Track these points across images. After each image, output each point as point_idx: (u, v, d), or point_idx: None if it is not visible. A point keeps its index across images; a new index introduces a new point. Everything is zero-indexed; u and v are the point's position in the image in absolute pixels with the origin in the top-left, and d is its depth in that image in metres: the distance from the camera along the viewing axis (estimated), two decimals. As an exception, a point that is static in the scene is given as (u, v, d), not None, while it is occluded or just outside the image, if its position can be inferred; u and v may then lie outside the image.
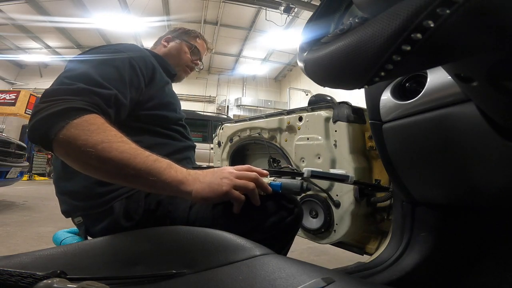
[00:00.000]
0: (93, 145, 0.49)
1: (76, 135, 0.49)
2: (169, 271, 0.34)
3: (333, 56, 0.30)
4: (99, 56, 0.65)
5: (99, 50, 0.68)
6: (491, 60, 0.29)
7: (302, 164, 1.17)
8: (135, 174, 0.50)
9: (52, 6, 7.41)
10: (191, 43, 0.99)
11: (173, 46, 0.97)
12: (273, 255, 0.42)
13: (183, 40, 0.98)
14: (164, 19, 7.86)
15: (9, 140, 3.07)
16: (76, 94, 0.54)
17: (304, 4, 6.70)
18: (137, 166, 0.50)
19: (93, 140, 0.49)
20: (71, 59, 0.66)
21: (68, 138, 0.49)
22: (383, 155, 0.75)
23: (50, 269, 0.27)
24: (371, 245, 1.05)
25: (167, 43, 0.97)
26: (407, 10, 0.22)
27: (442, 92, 0.58)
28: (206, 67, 11.53)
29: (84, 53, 0.69)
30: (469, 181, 0.60)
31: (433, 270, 0.76)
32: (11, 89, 9.91)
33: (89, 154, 0.49)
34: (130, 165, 0.50)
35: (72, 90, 0.55)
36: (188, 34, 1.00)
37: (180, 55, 0.97)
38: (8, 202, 3.41)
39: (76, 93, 0.55)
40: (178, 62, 0.96)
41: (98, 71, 0.61)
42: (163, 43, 0.98)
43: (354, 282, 0.33)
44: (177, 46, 0.97)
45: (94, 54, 0.66)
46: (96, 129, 0.51)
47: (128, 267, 0.37)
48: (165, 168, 0.53)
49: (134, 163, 0.50)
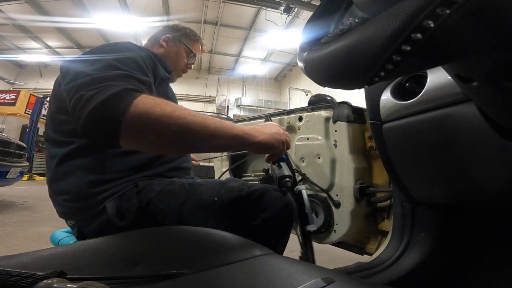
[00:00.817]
0: (169, 114, 0.49)
1: (149, 109, 0.48)
2: (169, 271, 0.34)
3: (333, 56, 0.30)
4: (109, 55, 0.62)
5: (106, 49, 0.65)
6: (491, 60, 0.29)
7: (302, 164, 1.17)
8: (211, 134, 0.53)
9: (52, 6, 7.42)
10: (190, 49, 0.97)
11: (172, 49, 0.94)
12: (273, 255, 0.42)
13: (182, 43, 0.96)
14: (164, 19, 7.85)
15: (9, 140, 3.07)
16: (119, 80, 0.52)
17: (304, 4, 6.70)
18: (211, 126, 0.53)
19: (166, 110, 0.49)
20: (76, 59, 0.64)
21: (141, 114, 0.47)
22: (383, 155, 0.75)
23: (50, 269, 0.27)
24: (371, 245, 1.05)
25: (166, 43, 0.94)
26: (407, 10, 0.22)
27: (442, 92, 0.58)
28: (206, 67, 11.54)
29: (86, 53, 0.67)
30: (469, 181, 0.59)
31: (433, 270, 0.76)
32: (11, 89, 9.91)
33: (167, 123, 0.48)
34: (206, 126, 0.52)
35: (115, 76, 0.53)
36: (188, 37, 0.98)
37: (178, 59, 0.95)
38: (8, 202, 3.41)
39: (120, 78, 0.53)
40: (174, 66, 0.95)
41: (121, 63, 0.59)
42: (161, 43, 0.94)
43: (354, 282, 0.33)
44: (176, 50, 0.95)
45: (100, 53, 0.63)
46: (160, 103, 0.50)
47: (128, 267, 0.37)
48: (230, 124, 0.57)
49: (208, 124, 0.53)
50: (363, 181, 1.01)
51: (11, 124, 8.10)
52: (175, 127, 0.49)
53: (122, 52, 0.64)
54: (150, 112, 0.48)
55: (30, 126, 7.67)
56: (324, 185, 1.09)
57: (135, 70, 0.61)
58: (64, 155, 0.66)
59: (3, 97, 8.29)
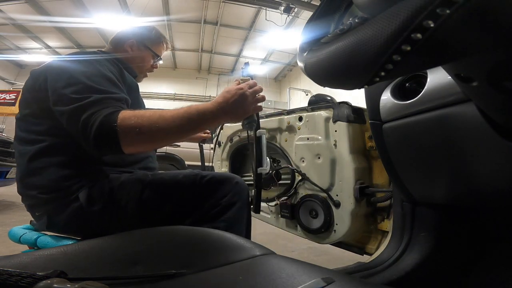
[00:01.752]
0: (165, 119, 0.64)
1: (133, 120, 0.62)
2: (169, 271, 0.34)
3: (333, 56, 0.30)
4: (82, 72, 0.71)
5: (77, 64, 0.73)
6: (491, 60, 0.29)
7: (302, 164, 1.17)
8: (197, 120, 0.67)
9: (52, 6, 7.41)
10: (155, 52, 1.00)
11: (137, 55, 0.97)
12: (273, 255, 0.42)
13: (147, 48, 0.98)
14: (164, 19, 7.85)
15: (9, 140, 3.07)
16: (100, 105, 0.65)
17: (304, 4, 6.70)
18: (194, 117, 0.67)
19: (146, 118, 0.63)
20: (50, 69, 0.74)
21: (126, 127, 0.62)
22: (383, 155, 0.75)
23: (50, 269, 0.27)
24: (371, 245, 1.05)
25: (130, 48, 0.96)
26: (407, 10, 0.22)
27: (442, 92, 0.58)
28: (206, 67, 11.53)
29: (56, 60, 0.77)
30: (469, 181, 0.59)
31: (433, 270, 0.76)
32: (11, 89, 9.90)
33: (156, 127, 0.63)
34: (192, 119, 0.67)
35: (97, 101, 0.65)
36: (152, 40, 1.00)
37: (143, 63, 0.99)
38: (8, 202, 3.41)
39: (100, 103, 0.65)
40: (140, 69, 0.99)
41: (97, 83, 0.69)
42: (126, 48, 0.96)
43: (354, 282, 0.33)
44: (141, 55, 0.98)
45: (72, 67, 0.72)
46: (137, 113, 0.64)
47: (128, 267, 0.37)
48: (201, 107, 0.69)
49: (193, 116, 0.67)
50: (363, 181, 1.01)
51: (11, 124, 8.07)
52: (162, 129, 0.64)
53: (93, 67, 0.73)
54: (133, 124, 0.62)
55: (30, 126, 7.66)
56: (324, 185, 1.09)
57: (110, 87, 0.71)
58: (35, 152, 0.73)
59: (3, 97, 8.28)
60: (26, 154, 0.73)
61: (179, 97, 10.83)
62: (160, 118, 0.64)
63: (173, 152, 4.48)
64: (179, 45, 9.62)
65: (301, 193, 1.19)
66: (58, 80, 0.69)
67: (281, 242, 2.15)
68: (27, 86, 0.77)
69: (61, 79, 0.69)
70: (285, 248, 2.05)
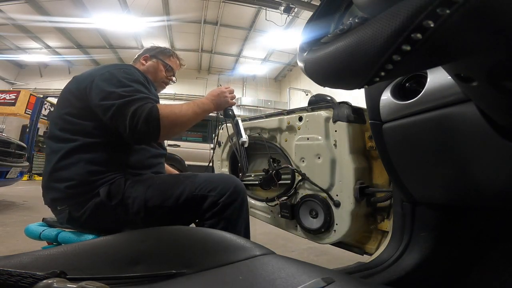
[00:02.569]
0: (184, 113, 0.87)
1: (168, 113, 0.82)
2: (169, 271, 0.34)
3: (333, 56, 0.30)
4: (126, 79, 0.88)
5: (120, 72, 0.89)
6: (491, 60, 0.29)
7: (302, 164, 1.17)
8: (200, 113, 0.93)
9: (52, 6, 7.41)
10: (166, 62, 1.16)
11: (150, 65, 1.14)
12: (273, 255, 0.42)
13: (159, 59, 1.15)
14: (164, 19, 7.86)
15: (9, 140, 3.07)
16: (144, 100, 0.82)
17: (304, 4, 6.70)
18: (198, 110, 0.92)
19: (177, 111, 0.85)
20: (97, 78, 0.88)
21: (167, 118, 0.82)
22: (383, 155, 0.75)
23: (50, 269, 0.27)
24: (371, 245, 1.05)
25: (145, 61, 1.14)
26: (407, 10, 0.22)
27: (442, 92, 0.58)
28: (206, 67, 11.54)
29: (99, 69, 0.92)
30: (469, 181, 0.59)
31: (433, 270, 0.76)
32: (11, 89, 9.90)
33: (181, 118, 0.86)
34: (198, 112, 0.92)
35: (141, 98, 0.82)
36: (163, 53, 1.17)
37: (157, 72, 1.14)
38: (8, 202, 3.41)
39: (144, 99, 0.82)
40: (155, 78, 1.13)
41: (139, 86, 0.87)
42: (141, 61, 1.14)
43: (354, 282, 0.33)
44: (154, 65, 1.14)
45: (116, 74, 0.88)
46: (168, 107, 0.84)
47: (128, 267, 0.37)
48: (201, 103, 0.96)
49: (197, 110, 0.92)
50: (363, 181, 1.01)
51: (11, 124, 8.09)
52: (188, 119, 0.88)
53: (135, 75, 0.91)
54: (170, 116, 0.83)
55: (30, 126, 7.66)
56: (324, 185, 1.09)
57: (148, 91, 0.88)
58: (69, 150, 0.84)
59: (3, 97, 8.28)
60: (59, 151, 0.84)
61: (179, 97, 10.83)
62: (181, 111, 0.86)
63: (173, 152, 4.48)
64: (179, 45, 9.62)
65: (301, 193, 1.19)
66: (108, 82, 0.84)
67: (281, 242, 2.15)
68: (69, 88, 0.90)
69: (111, 82, 0.84)
70: (285, 248, 2.05)
